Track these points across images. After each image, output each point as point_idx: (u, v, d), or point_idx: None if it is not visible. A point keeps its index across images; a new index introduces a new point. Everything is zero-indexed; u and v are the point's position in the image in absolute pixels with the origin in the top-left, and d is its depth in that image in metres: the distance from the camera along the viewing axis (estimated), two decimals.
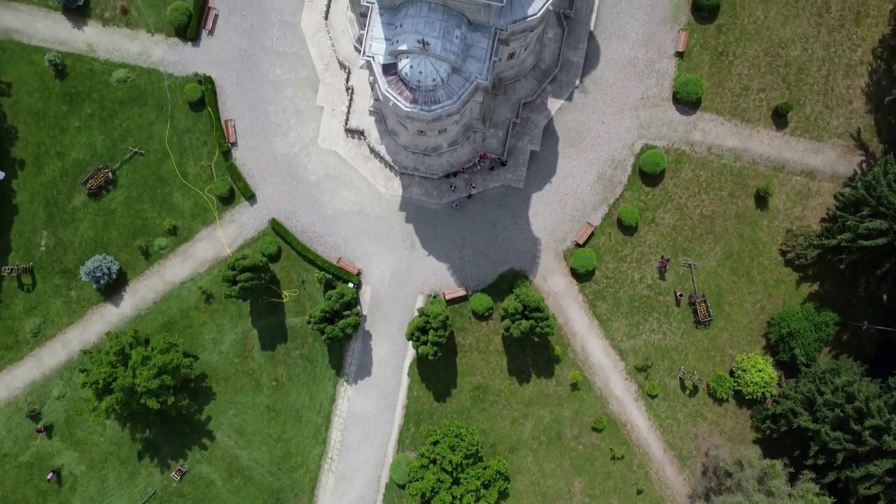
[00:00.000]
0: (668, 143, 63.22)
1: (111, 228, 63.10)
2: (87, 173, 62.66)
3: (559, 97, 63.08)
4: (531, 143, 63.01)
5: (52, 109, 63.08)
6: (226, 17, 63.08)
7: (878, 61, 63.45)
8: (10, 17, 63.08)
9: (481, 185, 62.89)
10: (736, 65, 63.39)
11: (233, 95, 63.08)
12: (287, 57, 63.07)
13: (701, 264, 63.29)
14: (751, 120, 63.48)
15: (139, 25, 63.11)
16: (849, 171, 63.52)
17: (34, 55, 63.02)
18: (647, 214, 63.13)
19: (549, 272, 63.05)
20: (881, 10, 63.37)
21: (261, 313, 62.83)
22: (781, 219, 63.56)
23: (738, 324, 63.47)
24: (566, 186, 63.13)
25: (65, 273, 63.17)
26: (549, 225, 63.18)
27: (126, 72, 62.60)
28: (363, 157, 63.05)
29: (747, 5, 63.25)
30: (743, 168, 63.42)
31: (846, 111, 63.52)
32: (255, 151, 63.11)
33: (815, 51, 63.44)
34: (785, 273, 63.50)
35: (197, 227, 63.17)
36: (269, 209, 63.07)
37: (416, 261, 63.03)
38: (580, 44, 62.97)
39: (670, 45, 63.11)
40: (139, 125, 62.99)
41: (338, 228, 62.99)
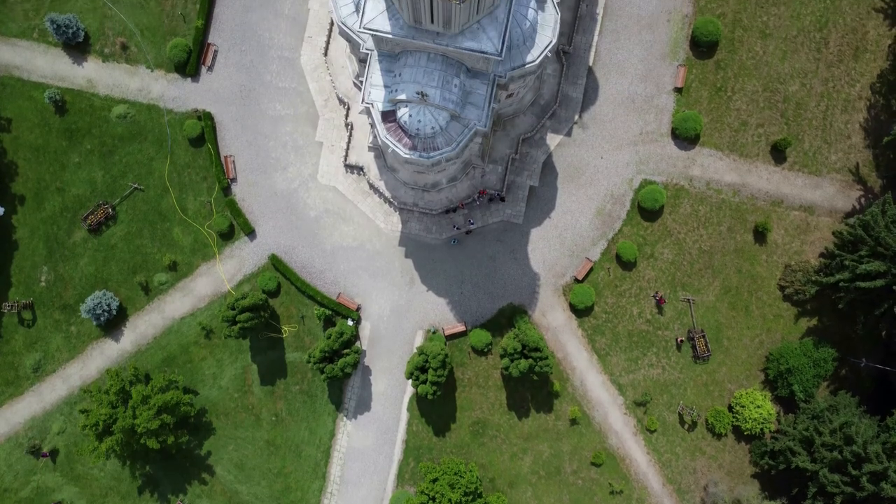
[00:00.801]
0: (666, 179, 63.35)
1: (111, 264, 63.23)
2: (88, 209, 62.80)
3: (558, 132, 63.23)
4: (530, 178, 63.14)
5: (52, 145, 63.22)
6: (225, 53, 63.21)
7: (876, 96, 63.59)
8: (11, 54, 63.22)
9: (480, 221, 63.02)
10: (734, 100, 63.53)
11: (232, 131, 63.21)
12: (286, 93, 63.20)
13: (699, 299, 63.41)
14: (749, 155, 63.62)
15: (139, 61, 63.23)
16: (847, 207, 63.66)
17: (34, 91, 63.16)
18: (645, 249, 63.25)
19: (548, 307, 63.18)
20: (879, 46, 63.51)
21: (260, 348, 62.96)
22: (780, 254, 63.68)
23: (736, 358, 63.59)
24: (565, 222, 63.26)
25: (65, 308, 63.31)
26: (548, 260, 63.31)
27: (126, 108, 62.73)
28: (362, 193, 63.19)
29: (746, 41, 63.39)
30: (741, 203, 63.55)
31: (845, 146, 63.66)
32: (255, 187, 63.24)
33: (813, 86, 63.57)
34: (783, 308, 63.62)
35: (197, 263, 63.30)
36: (268, 244, 63.20)
37: (416, 296, 63.16)
38: (579, 79, 63.11)
39: (669, 81, 63.25)
40: (139, 161, 63.12)
41: (337, 264, 63.12)
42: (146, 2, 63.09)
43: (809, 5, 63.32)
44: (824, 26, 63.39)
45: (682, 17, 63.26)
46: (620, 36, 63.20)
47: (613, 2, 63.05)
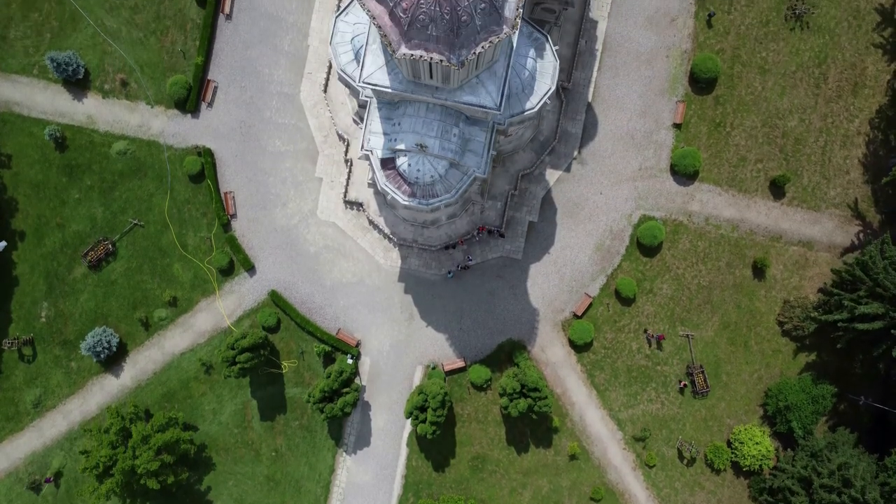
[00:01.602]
0: (665, 214, 63.47)
1: (111, 300, 63.36)
2: (88, 245, 62.93)
3: (557, 168, 63.35)
4: (529, 214, 63.26)
5: (52, 181, 63.35)
6: (225, 90, 63.33)
7: (875, 132, 63.70)
8: (11, 90, 63.34)
9: (480, 257, 63.13)
10: (733, 136, 63.64)
11: (232, 167, 63.34)
12: (286, 129, 63.33)
13: (698, 334, 63.51)
14: (748, 190, 63.72)
15: (139, 97, 63.35)
16: (846, 242, 63.77)
17: (34, 127, 63.28)
18: (644, 285, 63.36)
19: (548, 342, 63.29)
20: (878, 81, 63.61)
21: (260, 384, 63.09)
22: (779, 289, 63.79)
23: (735, 393, 63.70)
24: (564, 257, 63.37)
25: (65, 344, 63.44)
26: (548, 295, 63.42)
27: (126, 144, 62.86)
28: (362, 229, 63.31)
29: (745, 77, 63.48)
30: (740, 238, 63.66)
31: (843, 181, 63.77)
32: (255, 223, 63.36)
33: (812, 121, 63.68)
34: (782, 343, 63.72)
35: (197, 299, 63.42)
36: (268, 280, 63.32)
37: (415, 331, 63.28)
38: (578, 115, 63.23)
39: (668, 117, 63.35)
40: (139, 197, 63.24)
41: (337, 299, 63.24)
42: (146, 38, 63.20)
43: (808, 41, 63.44)
44: (823, 62, 63.49)
45: (682, 53, 63.36)
46: (619, 72, 63.31)
47: (613, 38, 63.17)
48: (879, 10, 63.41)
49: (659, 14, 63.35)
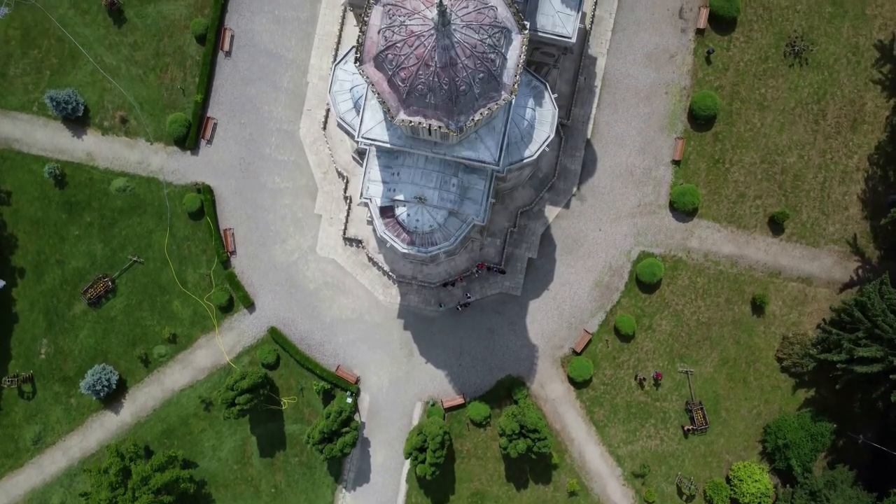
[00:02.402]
0: (664, 250, 63.53)
1: (111, 336, 63.40)
2: (87, 282, 62.98)
3: (556, 205, 63.41)
4: (528, 250, 63.31)
5: (51, 218, 63.39)
6: (225, 126, 63.39)
7: (874, 168, 63.79)
8: (10, 127, 63.39)
9: (479, 293, 63.19)
10: (732, 172, 63.71)
11: (232, 204, 63.39)
12: (286, 165, 63.39)
13: (698, 370, 63.57)
14: (747, 227, 63.79)
15: (138, 134, 63.42)
16: (845, 278, 63.84)
17: (34, 164, 63.34)
18: (643, 321, 63.43)
19: (547, 379, 63.35)
20: (877, 117, 63.70)
21: (260, 420, 63.10)
22: (778, 325, 63.85)
23: (734, 429, 63.75)
24: (563, 293, 63.42)
25: (65, 381, 63.49)
26: (547, 332, 63.47)
27: (125, 180, 62.90)
28: (361, 266, 63.36)
29: (744, 113, 63.56)
30: (739, 274, 63.72)
31: (842, 217, 63.85)
32: (254, 259, 63.41)
33: (811, 158, 63.75)
34: (781, 379, 63.80)
35: (196, 335, 63.47)
36: (268, 317, 63.37)
37: (415, 368, 63.33)
38: (577, 152, 63.30)
39: (667, 153, 63.41)
40: (138, 234, 63.30)
41: (336, 336, 63.30)
42: (145, 75, 63.26)
43: (807, 77, 63.51)
44: (822, 98, 63.57)
45: (680, 90, 63.43)
46: (619, 108, 63.38)
47: (612, 74, 63.23)
48: (878, 47, 63.51)
49: (658, 51, 63.41)
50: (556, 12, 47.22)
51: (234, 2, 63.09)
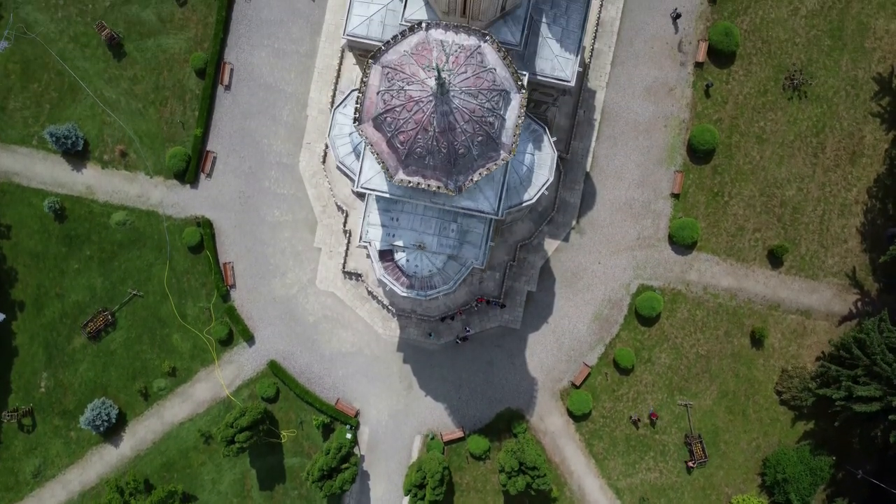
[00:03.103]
0: (664, 283, 63.58)
1: (110, 370, 63.47)
2: (87, 316, 63.03)
3: (556, 238, 63.47)
4: (528, 283, 63.36)
5: (51, 252, 63.45)
6: (224, 160, 63.46)
7: (873, 200, 63.85)
8: (10, 161, 63.46)
9: (478, 326, 63.24)
10: (731, 205, 63.76)
11: (231, 237, 63.45)
12: (285, 199, 63.45)
13: (697, 403, 63.61)
14: (746, 259, 63.85)
15: (138, 168, 63.48)
16: (844, 311, 63.89)
17: (33, 198, 63.39)
18: (643, 354, 63.48)
19: (546, 412, 63.39)
20: (876, 150, 63.77)
21: (259, 454, 63.15)
22: (777, 357, 63.91)
23: (733, 462, 63.80)
24: (562, 326, 63.48)
25: (64, 414, 63.54)
26: (546, 365, 63.53)
27: (125, 214, 62.96)
28: (361, 299, 63.41)
29: (743, 146, 63.62)
30: (738, 307, 63.78)
31: (841, 250, 63.91)
32: (254, 293, 63.47)
33: (810, 190, 63.82)
34: (780, 412, 63.84)
35: (196, 368, 63.53)
36: (267, 350, 63.43)
37: (414, 401, 63.38)
38: (576, 185, 63.36)
39: (666, 186, 63.48)
40: (138, 267, 63.35)
41: (336, 369, 63.35)
42: (145, 109, 63.32)
43: (806, 110, 63.58)
44: (821, 131, 63.64)
45: (680, 123, 63.50)
46: (618, 142, 63.45)
47: (611, 108, 63.30)
48: (877, 79, 63.58)
49: (657, 84, 63.48)
50: (555, 56, 47.28)
51: (233, 35, 63.16)
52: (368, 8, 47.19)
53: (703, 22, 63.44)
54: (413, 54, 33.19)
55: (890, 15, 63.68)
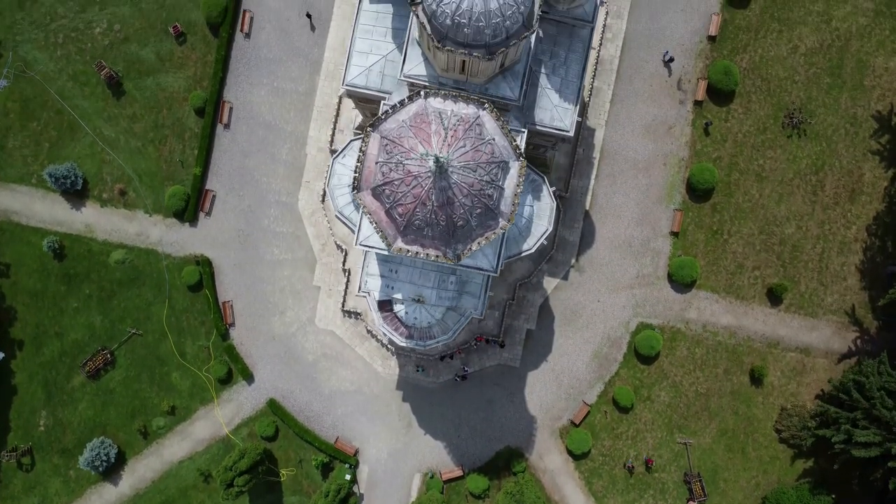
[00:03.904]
0: (663, 321, 63.59)
1: (110, 408, 63.45)
2: (86, 355, 63.01)
3: (555, 276, 63.46)
4: (527, 322, 63.35)
5: (50, 290, 63.43)
6: (223, 198, 63.46)
7: (872, 238, 63.85)
8: (9, 199, 63.45)
9: (477, 365, 63.24)
10: (731, 243, 63.76)
11: (231, 276, 63.45)
12: (284, 237, 63.45)
13: (696, 441, 63.59)
14: (745, 297, 63.84)
15: (137, 206, 63.47)
16: (844, 348, 63.90)
17: (32, 236, 63.37)
18: (642, 392, 63.48)
19: (545, 450, 63.38)
20: (875, 188, 63.78)
21: (259, 492, 63.08)
22: (776, 395, 63.90)
23: (732, 500, 63.77)
24: (562, 365, 63.48)
25: (64, 453, 63.50)
26: (545, 403, 63.53)
27: (124, 252, 62.94)
28: (360, 337, 63.39)
29: (742, 184, 63.63)
30: (738, 345, 63.78)
31: (840, 288, 63.90)
32: (253, 331, 63.47)
33: (809, 228, 63.81)
34: (780, 450, 63.83)
35: (195, 407, 63.51)
36: (266, 389, 63.41)
37: (413, 439, 63.35)
38: (576, 223, 63.37)
39: (665, 225, 63.48)
40: (137, 306, 63.34)
41: (335, 408, 63.33)
42: (144, 147, 63.33)
43: (805, 148, 63.60)
44: (820, 169, 63.66)
45: (679, 161, 63.52)
46: (617, 180, 63.46)
47: (610, 146, 63.32)
48: (876, 117, 63.61)
49: (656, 122, 63.50)
50: (554, 106, 47.32)
51: (232, 74, 63.16)
52: (367, 59, 47.23)
53: (703, 60, 63.47)
54: (412, 126, 33.18)
55: (889, 53, 63.71)
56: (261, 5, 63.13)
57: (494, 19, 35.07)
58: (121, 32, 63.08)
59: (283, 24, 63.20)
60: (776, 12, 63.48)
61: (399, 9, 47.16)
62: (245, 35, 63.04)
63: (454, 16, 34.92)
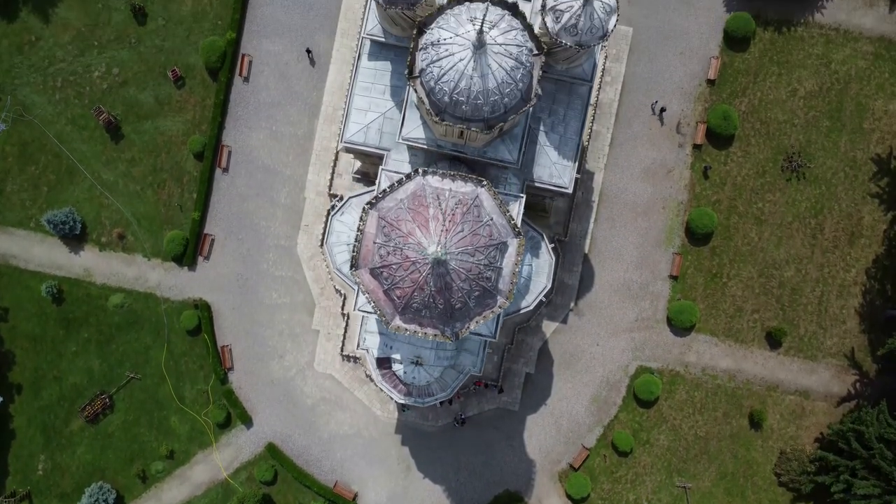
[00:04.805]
0: (662, 365, 63.55)
1: (108, 452, 63.40)
2: (85, 399, 62.98)
3: (554, 320, 63.42)
4: (526, 365, 63.32)
5: (49, 334, 63.41)
6: (222, 243, 63.42)
7: (871, 281, 63.77)
8: (8, 243, 63.42)
9: (476, 408, 63.21)
10: (730, 286, 63.71)
11: (229, 319, 63.41)
12: (283, 281, 63.42)
13: (696, 485, 63.54)
14: (745, 341, 63.80)
15: (136, 250, 63.44)
16: (843, 392, 63.83)
17: (31, 280, 63.35)
18: (641, 435, 63.43)
19: (545, 494, 63.33)
20: (875, 231, 63.72)
21: None
22: (776, 438, 63.84)
23: None
24: (561, 408, 63.44)
25: (62, 497, 63.45)
26: (544, 447, 63.48)
27: (123, 296, 62.90)
28: (359, 381, 63.36)
29: (741, 227, 63.59)
30: (737, 388, 63.73)
31: (840, 331, 63.85)
32: (252, 375, 63.43)
33: (808, 272, 63.76)
34: (779, 493, 63.75)
35: (194, 451, 63.46)
36: (265, 433, 63.35)
37: (412, 483, 63.31)
38: (575, 266, 63.33)
39: (665, 268, 63.45)
40: (136, 350, 63.31)
41: (334, 452, 63.29)
42: (143, 191, 63.31)
43: (805, 192, 63.55)
44: (820, 212, 63.61)
45: (678, 205, 63.48)
46: (616, 223, 63.43)
47: (609, 189, 63.30)
48: (876, 160, 63.57)
49: (655, 165, 63.47)
50: (553, 163, 47.32)
51: (231, 118, 63.15)
52: (366, 116, 47.22)
53: (702, 103, 63.45)
54: (410, 209, 33.16)
55: (888, 96, 63.67)
56: (260, 49, 63.12)
57: (493, 97, 35.05)
58: (119, 76, 63.06)
59: (282, 67, 63.18)
60: (775, 55, 63.45)
61: (397, 66, 47.15)
62: (244, 79, 63.03)
63: (452, 94, 34.91)
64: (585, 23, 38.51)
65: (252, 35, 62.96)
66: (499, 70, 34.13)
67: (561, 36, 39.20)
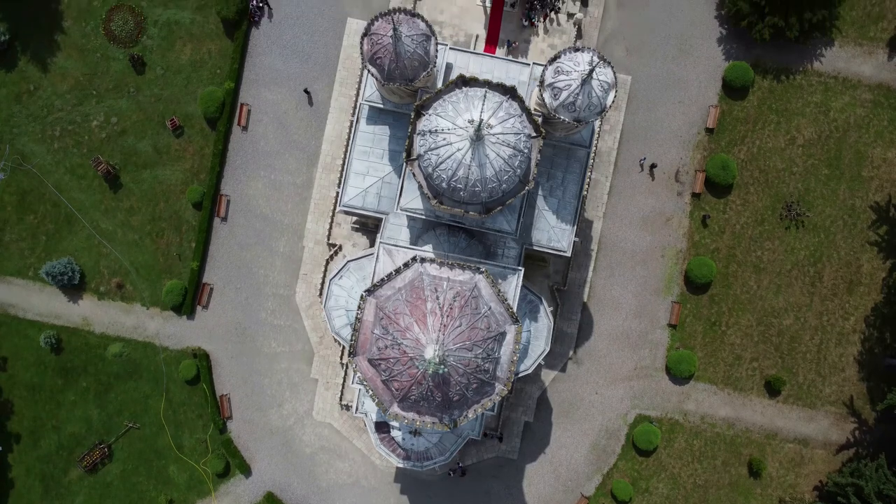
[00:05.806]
0: (661, 413, 63.52)
1: (107, 502, 63.32)
2: (84, 449, 62.90)
3: (553, 368, 63.37)
4: (525, 414, 63.28)
5: (47, 384, 63.34)
6: (221, 291, 63.35)
7: (870, 329, 63.77)
8: (6, 292, 63.33)
9: (475, 457, 63.15)
10: (729, 335, 63.70)
11: (228, 368, 63.35)
12: (282, 330, 63.35)
13: None
14: (744, 389, 63.78)
15: (134, 299, 63.36)
16: (842, 439, 63.83)
17: (29, 329, 63.26)
18: (640, 484, 63.40)
19: None
20: (874, 279, 63.70)
21: None
22: (775, 487, 63.83)
23: None
24: (560, 457, 63.41)
25: None
26: (543, 495, 63.44)
27: (121, 346, 62.84)
28: (358, 429, 63.28)
29: (740, 276, 63.56)
30: (736, 436, 63.71)
31: (839, 379, 63.84)
32: (251, 424, 63.36)
33: (807, 319, 63.74)
34: None
35: (192, 500, 63.37)
36: (264, 482, 63.29)
37: None
38: (573, 315, 63.28)
39: (663, 316, 63.42)
40: (134, 399, 63.23)
41: (333, 501, 63.21)
42: (141, 240, 63.24)
43: (803, 240, 63.53)
44: (818, 260, 63.59)
45: (677, 253, 63.45)
46: (615, 271, 63.39)
47: (608, 238, 63.26)
48: (874, 208, 63.55)
49: (654, 214, 63.44)
50: (552, 227, 47.32)
51: (230, 167, 63.08)
52: (364, 180, 47.24)
53: (701, 152, 63.42)
54: (408, 301, 33.14)
55: (887, 143, 63.67)
56: (258, 98, 63.04)
57: (490, 185, 35.02)
58: (118, 125, 62.99)
59: (281, 116, 63.12)
60: (774, 104, 63.45)
61: (395, 130, 47.20)
62: (242, 128, 62.96)
63: (450, 181, 34.87)
64: (584, 100, 38.51)
65: (250, 84, 62.88)
66: (497, 159, 34.11)
67: (559, 112, 39.20)
